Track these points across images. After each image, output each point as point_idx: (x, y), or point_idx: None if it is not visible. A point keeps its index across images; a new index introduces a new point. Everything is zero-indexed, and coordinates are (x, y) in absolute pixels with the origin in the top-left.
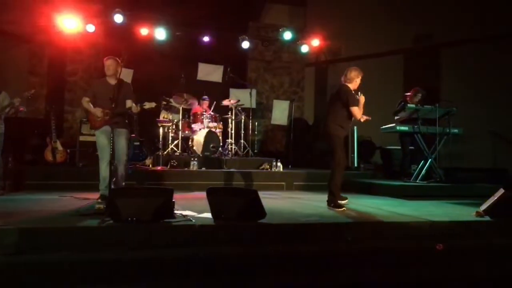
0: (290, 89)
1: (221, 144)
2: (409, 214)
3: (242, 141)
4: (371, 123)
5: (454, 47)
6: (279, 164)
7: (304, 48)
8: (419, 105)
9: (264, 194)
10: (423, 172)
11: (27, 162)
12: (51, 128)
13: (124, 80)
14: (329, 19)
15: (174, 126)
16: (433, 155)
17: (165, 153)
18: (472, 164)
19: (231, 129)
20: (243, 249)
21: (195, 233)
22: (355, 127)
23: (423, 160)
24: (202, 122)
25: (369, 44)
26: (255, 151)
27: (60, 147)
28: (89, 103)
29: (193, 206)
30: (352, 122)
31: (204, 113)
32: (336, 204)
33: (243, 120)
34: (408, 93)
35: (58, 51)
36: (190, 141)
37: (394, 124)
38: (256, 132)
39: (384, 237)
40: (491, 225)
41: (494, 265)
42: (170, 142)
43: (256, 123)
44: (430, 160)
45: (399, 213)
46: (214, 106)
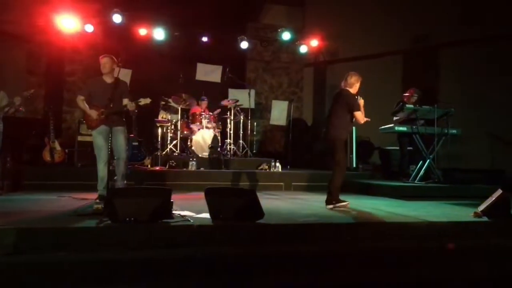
0: (289, 90)
1: (220, 145)
2: (408, 215)
3: (241, 142)
4: (370, 124)
5: (453, 48)
6: (278, 165)
7: (303, 49)
8: (417, 106)
9: (263, 195)
10: (422, 173)
11: (25, 162)
12: (49, 128)
13: (120, 79)
14: (328, 20)
15: (173, 126)
16: (432, 156)
17: (164, 154)
18: (470, 165)
19: (230, 130)
20: (241, 250)
21: (193, 234)
22: (354, 128)
23: (422, 161)
24: (201, 122)
25: (368, 45)
26: (254, 152)
27: (58, 147)
28: (84, 102)
29: (192, 207)
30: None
31: (203, 113)
32: (338, 201)
33: (242, 121)
34: (406, 94)
35: (57, 51)
36: (189, 141)
37: (393, 125)
38: (255, 133)
39: (383, 238)
40: (489, 226)
41: (493, 265)
42: (169, 143)
43: (255, 124)
44: (429, 161)
45: (398, 214)
46: (213, 106)
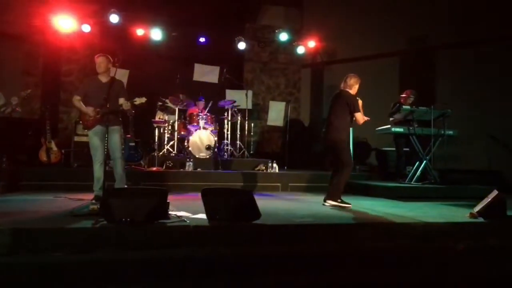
0: (286, 90)
1: (217, 145)
2: (404, 215)
3: (238, 142)
4: (367, 125)
5: (449, 49)
6: (275, 165)
7: (300, 50)
8: (413, 107)
9: (260, 195)
10: (418, 174)
11: (22, 163)
12: (46, 129)
13: (116, 78)
14: (326, 21)
15: (170, 127)
16: (428, 157)
17: (161, 154)
18: (467, 166)
19: (227, 130)
20: (238, 250)
21: (190, 234)
22: (351, 129)
23: (418, 162)
24: (198, 123)
25: (365, 46)
26: (251, 152)
27: (55, 148)
28: (80, 102)
29: (188, 207)
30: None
31: (200, 114)
32: (342, 200)
33: (239, 121)
34: (403, 95)
35: (54, 51)
36: (186, 142)
37: (389, 126)
38: (252, 133)
39: (380, 238)
40: (485, 227)
41: (489, 266)
42: (166, 143)
43: (252, 124)
44: (425, 162)
45: (394, 214)
46: (210, 107)
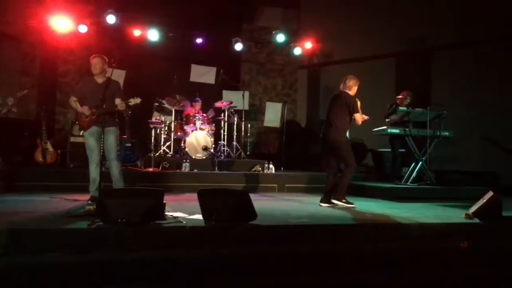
0: (283, 91)
1: (214, 146)
2: (401, 216)
3: (235, 143)
4: (363, 125)
5: (446, 51)
6: (271, 166)
7: (297, 51)
8: (409, 108)
9: (256, 196)
10: (414, 175)
11: (17, 163)
12: (42, 129)
13: (112, 79)
14: (322, 22)
15: (166, 128)
16: (424, 158)
17: (157, 155)
18: (462, 167)
19: (224, 131)
20: (234, 251)
21: (186, 235)
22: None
23: (414, 163)
24: (195, 124)
25: (362, 47)
26: (248, 153)
27: (51, 148)
28: (77, 103)
29: (184, 208)
30: None
31: (197, 115)
32: (347, 201)
33: (236, 122)
34: (399, 96)
35: (50, 52)
36: (182, 143)
37: (386, 127)
38: (249, 134)
39: (376, 239)
40: (480, 227)
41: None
42: (162, 144)
43: (249, 125)
44: (421, 163)
45: (391, 215)
46: (207, 108)
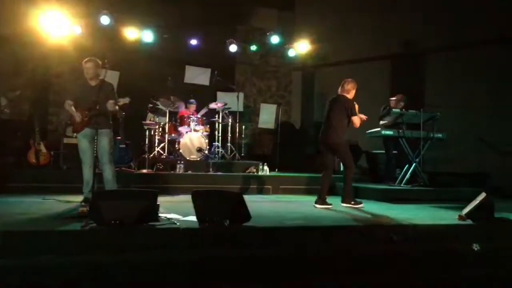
0: (278, 93)
1: (208, 147)
2: (395, 217)
3: (229, 145)
4: (358, 127)
5: (440, 53)
6: (266, 168)
7: (292, 53)
8: (403, 110)
9: (250, 198)
10: (408, 176)
11: (10, 165)
12: (35, 130)
13: (106, 81)
14: (317, 24)
15: (161, 129)
16: (418, 159)
17: (151, 156)
18: (456, 169)
19: (218, 132)
20: (228, 252)
21: (180, 236)
22: None
23: (408, 164)
24: (189, 125)
25: (356, 49)
26: (242, 155)
27: (44, 150)
28: (72, 107)
29: (178, 209)
30: None
31: (191, 116)
32: (355, 202)
33: (230, 124)
34: (393, 98)
35: (44, 53)
36: (177, 144)
37: (379, 129)
38: (243, 136)
39: (370, 240)
40: (473, 229)
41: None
42: (156, 145)
43: (243, 127)
44: (415, 164)
45: (385, 216)
46: (201, 109)
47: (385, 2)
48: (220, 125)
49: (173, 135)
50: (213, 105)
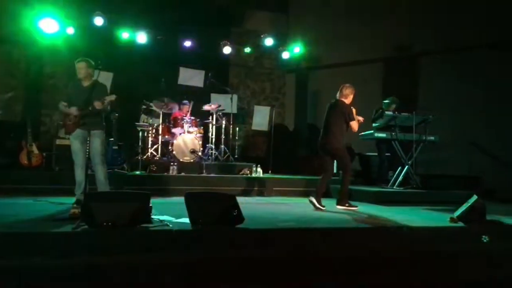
0: (271, 95)
1: (202, 149)
2: (388, 220)
3: (223, 146)
4: (350, 130)
5: (432, 56)
6: (259, 170)
7: (286, 55)
8: (396, 113)
9: (244, 199)
10: (400, 179)
11: (2, 166)
12: (27, 131)
13: (99, 81)
14: (311, 27)
15: (154, 131)
16: (410, 162)
17: (145, 158)
18: (448, 171)
19: (212, 134)
20: (221, 255)
21: (172, 238)
22: None
23: (400, 167)
24: (182, 127)
25: (350, 52)
26: (236, 156)
27: (36, 151)
28: (66, 108)
29: (171, 211)
30: None
31: (185, 118)
32: (350, 204)
33: (224, 125)
34: (385, 101)
35: (37, 53)
36: (170, 146)
37: (372, 131)
38: (237, 137)
39: (362, 242)
40: (464, 231)
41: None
42: (150, 147)
43: (237, 128)
44: (407, 167)
45: (378, 218)
46: (195, 111)
47: (379, 6)
48: (214, 127)
49: (167, 137)
50: (207, 107)
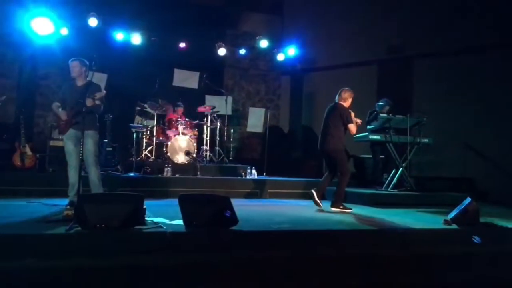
0: (266, 97)
1: (196, 151)
2: (382, 221)
3: (217, 148)
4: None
5: (427, 58)
6: (254, 172)
7: (280, 57)
8: (390, 115)
9: (238, 201)
10: (394, 181)
11: None
12: (20, 132)
13: (93, 82)
14: (305, 29)
15: (148, 132)
16: (404, 164)
17: (139, 159)
18: (442, 173)
19: (206, 136)
20: (215, 256)
21: (166, 240)
22: None
23: (395, 169)
24: (177, 129)
25: (344, 54)
26: (230, 158)
27: (29, 152)
28: (59, 109)
29: (165, 213)
30: None
31: (179, 120)
32: (344, 207)
33: (219, 127)
34: (379, 103)
35: (31, 54)
36: (164, 147)
37: (367, 133)
38: (232, 139)
39: (356, 244)
40: (458, 233)
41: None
42: (144, 148)
43: (232, 130)
44: (401, 169)
45: (372, 220)
46: (189, 112)
47: (373, 8)
48: (209, 129)
49: (161, 138)
50: (202, 109)
